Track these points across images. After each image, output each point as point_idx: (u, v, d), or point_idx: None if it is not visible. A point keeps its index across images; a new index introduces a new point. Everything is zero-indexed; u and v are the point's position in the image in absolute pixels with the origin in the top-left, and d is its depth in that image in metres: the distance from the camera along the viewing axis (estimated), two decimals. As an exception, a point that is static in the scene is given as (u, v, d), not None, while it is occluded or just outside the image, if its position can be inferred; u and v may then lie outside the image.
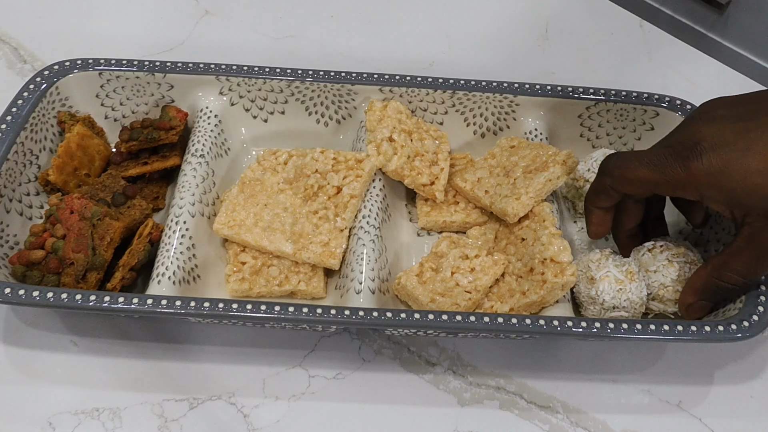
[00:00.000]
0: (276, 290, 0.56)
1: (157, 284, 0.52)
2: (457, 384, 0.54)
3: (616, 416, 0.53)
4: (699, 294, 0.52)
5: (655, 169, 0.49)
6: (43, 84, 0.61)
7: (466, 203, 0.62)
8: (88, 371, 0.53)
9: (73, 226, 0.54)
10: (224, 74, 0.64)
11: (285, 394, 0.53)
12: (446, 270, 0.55)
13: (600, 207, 0.55)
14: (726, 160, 0.46)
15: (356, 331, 0.56)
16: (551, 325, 0.49)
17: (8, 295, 0.49)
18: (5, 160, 0.56)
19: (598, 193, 0.54)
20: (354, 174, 0.58)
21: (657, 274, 0.54)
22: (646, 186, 0.50)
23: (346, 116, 0.66)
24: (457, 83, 0.65)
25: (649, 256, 0.55)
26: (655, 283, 0.54)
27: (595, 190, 0.54)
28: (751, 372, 0.56)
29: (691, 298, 0.52)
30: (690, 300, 0.52)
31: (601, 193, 0.53)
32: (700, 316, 0.53)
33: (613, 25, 0.86)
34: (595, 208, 0.55)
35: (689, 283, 0.52)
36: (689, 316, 0.53)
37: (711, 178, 0.46)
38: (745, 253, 0.49)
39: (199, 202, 0.58)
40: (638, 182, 0.50)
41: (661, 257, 0.55)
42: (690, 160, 0.47)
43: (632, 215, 0.56)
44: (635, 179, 0.50)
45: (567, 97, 0.65)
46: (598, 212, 0.55)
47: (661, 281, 0.54)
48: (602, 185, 0.53)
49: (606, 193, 0.53)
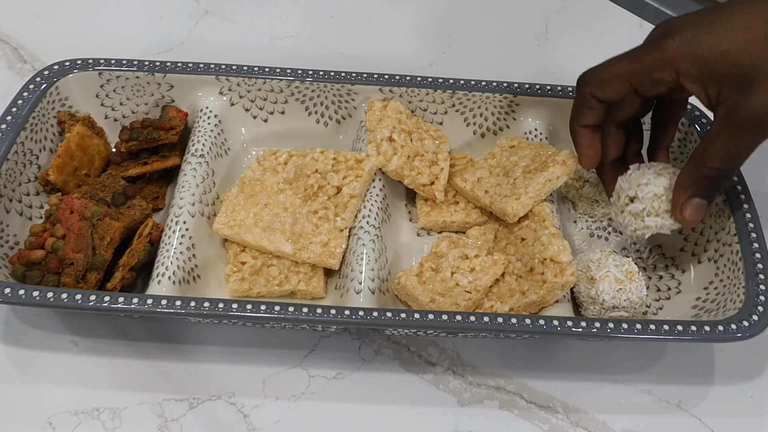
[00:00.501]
0: (276, 290, 0.56)
1: (157, 284, 0.52)
2: (457, 384, 0.54)
3: (616, 416, 0.53)
4: (688, 189, 0.51)
5: (631, 59, 0.51)
6: (43, 84, 0.61)
7: (466, 203, 0.62)
8: (88, 371, 0.53)
9: (73, 226, 0.54)
10: (224, 74, 0.64)
11: (285, 394, 0.53)
12: (446, 270, 0.55)
13: (585, 125, 0.55)
14: (696, 33, 0.48)
15: (356, 331, 0.56)
16: (551, 325, 0.49)
17: (8, 295, 0.49)
18: (5, 160, 0.56)
19: (580, 108, 0.54)
20: (354, 174, 0.58)
21: (649, 186, 0.54)
22: (624, 81, 0.51)
23: (346, 116, 0.66)
24: (457, 83, 0.65)
25: (637, 173, 0.55)
26: (649, 195, 0.54)
27: (576, 106, 0.54)
28: (751, 372, 0.56)
29: (682, 196, 0.52)
30: (681, 198, 0.52)
31: (583, 107, 0.54)
32: (697, 218, 0.52)
33: (613, 25, 0.86)
34: (580, 127, 0.55)
35: (677, 183, 0.52)
36: (686, 219, 0.52)
37: (684, 49, 0.48)
38: (724, 133, 0.49)
39: (199, 202, 0.58)
40: (616, 79, 0.51)
41: (650, 172, 0.54)
42: (663, 42, 0.49)
43: (615, 142, 0.56)
44: (612, 76, 0.51)
45: (567, 97, 0.65)
46: (585, 132, 0.55)
47: (655, 192, 0.53)
48: (582, 96, 0.53)
49: (587, 104, 0.53)
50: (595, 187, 0.62)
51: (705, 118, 0.63)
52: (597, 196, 0.62)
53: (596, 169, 0.59)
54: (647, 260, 0.62)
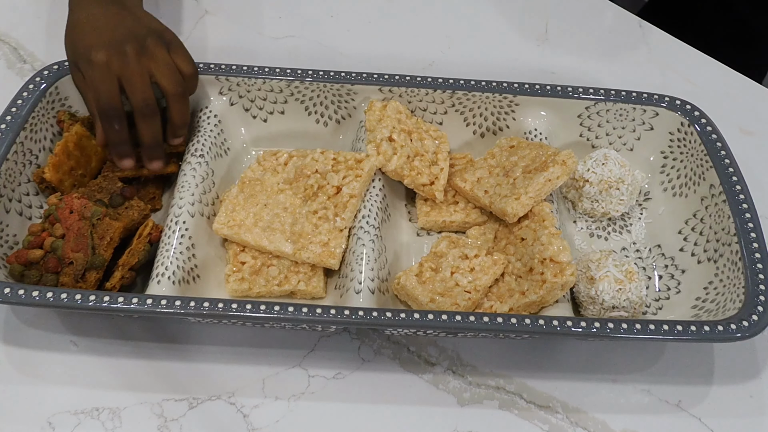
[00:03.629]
0: (276, 290, 0.56)
1: (157, 284, 0.52)
2: (457, 384, 0.54)
3: (616, 416, 0.53)
4: None
5: None
6: (42, 84, 0.61)
7: (466, 203, 0.62)
8: (88, 371, 0.53)
9: (73, 226, 0.54)
10: (224, 74, 0.64)
11: (285, 394, 0.53)
12: (446, 270, 0.55)
13: None
14: None
15: (356, 331, 0.56)
16: (551, 325, 0.49)
17: (8, 295, 0.49)
18: (5, 159, 0.56)
19: None
20: (353, 174, 0.58)
21: None
22: None
23: (346, 116, 0.66)
24: (456, 83, 0.65)
25: None
26: None
27: None
28: (750, 372, 0.56)
29: None
30: None
31: None
32: None
33: (613, 24, 0.86)
34: None
35: None
36: None
37: None
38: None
39: (199, 201, 0.58)
40: None
41: None
42: None
43: None
44: None
45: (567, 97, 0.65)
46: None
47: None
48: None
49: None
50: (596, 186, 0.62)
51: (705, 118, 0.63)
52: (597, 196, 0.62)
53: None
54: (647, 260, 0.62)
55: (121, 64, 0.57)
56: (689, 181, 0.63)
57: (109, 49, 0.57)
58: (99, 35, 0.58)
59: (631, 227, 0.64)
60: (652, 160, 0.67)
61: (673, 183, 0.65)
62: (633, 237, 0.63)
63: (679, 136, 0.65)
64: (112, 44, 0.57)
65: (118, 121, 0.57)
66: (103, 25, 0.59)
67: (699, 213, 0.61)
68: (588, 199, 0.63)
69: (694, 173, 0.63)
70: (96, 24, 0.59)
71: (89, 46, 0.57)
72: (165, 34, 0.60)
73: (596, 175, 0.62)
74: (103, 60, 0.56)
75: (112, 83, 0.56)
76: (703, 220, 0.60)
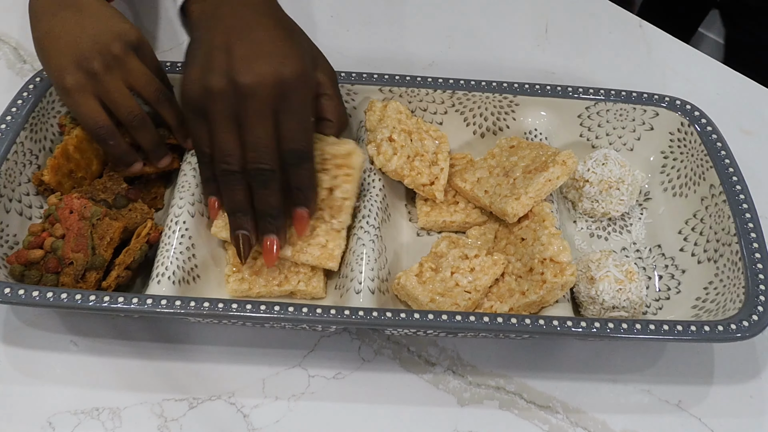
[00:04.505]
0: (276, 290, 0.56)
1: (157, 284, 0.52)
2: (457, 384, 0.54)
3: (616, 416, 0.53)
4: None
5: None
6: (43, 84, 0.61)
7: (466, 203, 0.62)
8: (88, 371, 0.53)
9: (73, 226, 0.54)
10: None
11: (285, 394, 0.53)
12: (446, 270, 0.55)
13: None
14: None
15: (356, 331, 0.56)
16: (551, 325, 0.49)
17: (8, 295, 0.49)
18: (5, 159, 0.56)
19: None
20: (343, 173, 0.56)
21: None
22: None
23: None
24: (456, 83, 0.65)
25: None
26: None
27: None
28: (750, 372, 0.56)
29: None
30: None
31: None
32: None
33: (613, 24, 0.86)
34: None
35: None
36: None
37: None
38: None
39: (199, 202, 0.58)
40: None
41: None
42: None
43: None
44: None
45: (567, 97, 0.65)
46: None
47: None
48: None
49: None
50: (596, 186, 0.62)
51: (705, 119, 0.64)
52: (597, 196, 0.62)
53: None
54: (647, 260, 0.62)
55: (94, 83, 0.55)
56: (689, 181, 0.63)
57: (77, 71, 0.55)
58: (62, 55, 0.55)
59: (631, 227, 0.64)
60: (652, 160, 0.67)
61: (673, 183, 0.65)
62: (633, 237, 0.63)
63: (679, 136, 0.65)
64: (80, 64, 0.55)
65: (112, 138, 0.57)
66: (64, 42, 0.56)
67: (699, 213, 0.61)
68: (588, 199, 0.63)
69: (694, 173, 0.63)
70: (56, 42, 0.56)
71: (58, 70, 0.55)
72: (129, 35, 0.57)
73: (596, 175, 0.62)
74: (74, 85, 0.55)
75: (92, 105, 0.55)
76: (703, 220, 0.60)
